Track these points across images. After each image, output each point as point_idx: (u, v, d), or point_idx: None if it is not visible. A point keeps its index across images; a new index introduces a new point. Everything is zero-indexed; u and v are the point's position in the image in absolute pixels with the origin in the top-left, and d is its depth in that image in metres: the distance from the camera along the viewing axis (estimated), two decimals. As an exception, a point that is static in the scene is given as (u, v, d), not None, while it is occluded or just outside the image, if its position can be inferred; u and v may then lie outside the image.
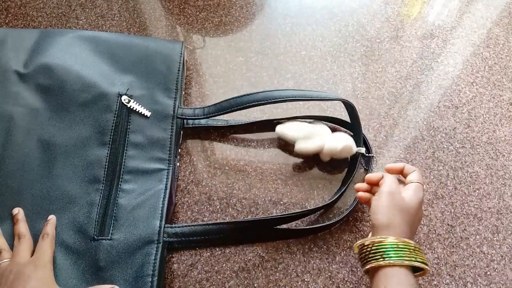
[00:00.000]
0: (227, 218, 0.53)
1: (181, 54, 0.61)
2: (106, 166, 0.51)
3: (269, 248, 0.51)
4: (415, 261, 0.39)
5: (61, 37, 0.59)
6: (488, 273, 0.51)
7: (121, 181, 0.51)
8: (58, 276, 0.45)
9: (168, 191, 0.51)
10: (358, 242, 0.43)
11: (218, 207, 0.54)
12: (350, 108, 0.56)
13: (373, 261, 0.40)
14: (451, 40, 0.71)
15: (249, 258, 0.50)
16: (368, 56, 0.68)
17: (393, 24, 0.72)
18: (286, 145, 0.58)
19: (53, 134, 0.53)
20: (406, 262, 0.39)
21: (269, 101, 0.55)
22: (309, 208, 0.53)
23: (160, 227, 0.48)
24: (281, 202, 0.54)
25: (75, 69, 0.56)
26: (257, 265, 0.50)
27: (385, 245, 0.40)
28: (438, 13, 0.75)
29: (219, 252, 0.51)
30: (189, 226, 0.50)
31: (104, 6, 0.71)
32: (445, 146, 0.60)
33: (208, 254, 0.50)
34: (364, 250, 0.41)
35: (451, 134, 0.61)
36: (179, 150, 0.58)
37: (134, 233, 0.48)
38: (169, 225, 0.50)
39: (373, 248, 0.40)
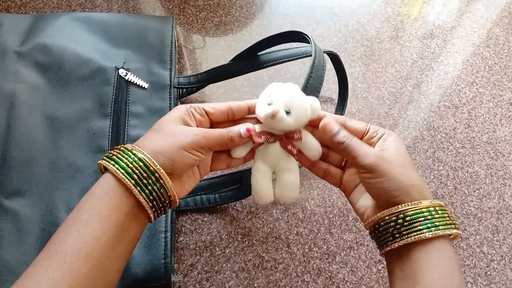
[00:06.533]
0: (227, 218, 0.53)
1: (172, 27, 0.63)
2: (110, 136, 0.53)
3: (269, 248, 0.51)
4: (455, 227, 0.30)
5: (54, 19, 0.61)
6: (488, 273, 0.51)
7: None
8: None
9: None
10: (378, 214, 0.32)
11: (218, 207, 0.54)
12: (335, 59, 0.59)
13: (413, 234, 0.30)
14: (451, 40, 0.71)
15: (249, 258, 0.50)
16: (368, 56, 0.68)
17: (393, 24, 0.72)
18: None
19: (55, 108, 0.54)
20: (455, 231, 0.30)
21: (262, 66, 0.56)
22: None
23: None
24: (281, 202, 0.54)
25: (71, 46, 0.58)
26: (257, 265, 0.50)
27: (422, 211, 0.30)
28: (438, 13, 0.75)
29: (219, 252, 0.51)
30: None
31: (104, 6, 0.71)
32: (445, 146, 0.60)
33: (208, 254, 0.50)
34: (391, 223, 0.31)
35: (451, 134, 0.61)
36: None
37: None
38: None
39: (407, 218, 0.30)
